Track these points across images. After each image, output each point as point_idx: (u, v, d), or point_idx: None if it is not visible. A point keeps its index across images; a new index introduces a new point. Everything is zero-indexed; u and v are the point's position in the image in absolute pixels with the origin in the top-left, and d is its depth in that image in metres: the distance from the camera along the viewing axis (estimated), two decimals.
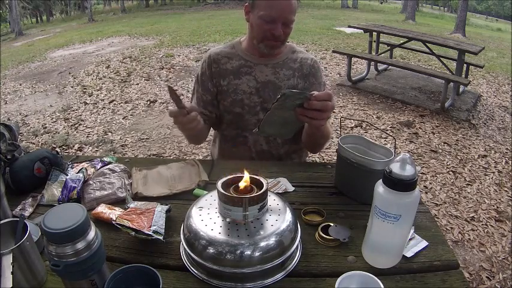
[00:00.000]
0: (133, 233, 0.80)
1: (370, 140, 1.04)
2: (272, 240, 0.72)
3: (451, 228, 2.23)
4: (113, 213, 0.90)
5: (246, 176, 0.77)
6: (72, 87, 5.15)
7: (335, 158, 1.07)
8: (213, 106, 1.35)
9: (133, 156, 3.09)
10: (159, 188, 1.05)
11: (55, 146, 3.31)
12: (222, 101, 1.33)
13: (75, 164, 1.15)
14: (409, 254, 0.80)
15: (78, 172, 1.07)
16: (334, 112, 3.92)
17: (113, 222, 0.83)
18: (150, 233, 0.80)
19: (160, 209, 0.88)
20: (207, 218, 0.76)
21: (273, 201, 0.81)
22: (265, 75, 1.30)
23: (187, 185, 1.06)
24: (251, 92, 1.30)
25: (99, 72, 5.74)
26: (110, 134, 3.61)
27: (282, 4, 1.16)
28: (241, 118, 1.32)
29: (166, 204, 0.92)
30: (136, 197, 1.00)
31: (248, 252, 0.70)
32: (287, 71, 1.31)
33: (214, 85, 1.33)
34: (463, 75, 4.44)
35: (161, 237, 0.81)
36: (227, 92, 1.31)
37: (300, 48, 1.38)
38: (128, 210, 0.88)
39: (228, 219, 0.74)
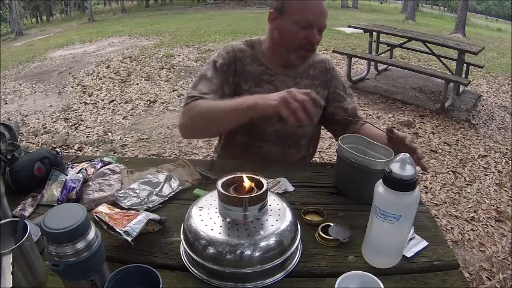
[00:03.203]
0: (105, 227, 0.80)
1: (370, 140, 1.04)
2: (272, 240, 0.72)
3: (451, 228, 2.23)
4: (112, 213, 0.90)
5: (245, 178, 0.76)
6: (72, 87, 5.15)
7: (335, 158, 1.07)
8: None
9: (133, 156, 3.09)
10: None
11: (55, 146, 3.31)
12: None
13: (75, 164, 1.15)
14: (409, 254, 0.80)
15: (78, 172, 1.07)
16: None
17: (94, 213, 0.83)
18: (120, 231, 0.77)
19: (144, 215, 0.84)
20: (207, 218, 0.76)
21: (273, 201, 0.81)
22: (286, 86, 1.15)
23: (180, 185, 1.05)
24: None
25: (99, 72, 5.74)
26: (110, 134, 3.60)
27: (319, 7, 1.04)
28: (258, 127, 1.23)
29: (161, 216, 0.88)
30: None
31: (248, 252, 0.70)
32: (307, 80, 1.22)
33: (235, 83, 1.20)
34: (463, 75, 4.44)
35: (130, 239, 0.76)
36: None
37: None
38: (120, 211, 0.87)
39: (228, 219, 0.74)
